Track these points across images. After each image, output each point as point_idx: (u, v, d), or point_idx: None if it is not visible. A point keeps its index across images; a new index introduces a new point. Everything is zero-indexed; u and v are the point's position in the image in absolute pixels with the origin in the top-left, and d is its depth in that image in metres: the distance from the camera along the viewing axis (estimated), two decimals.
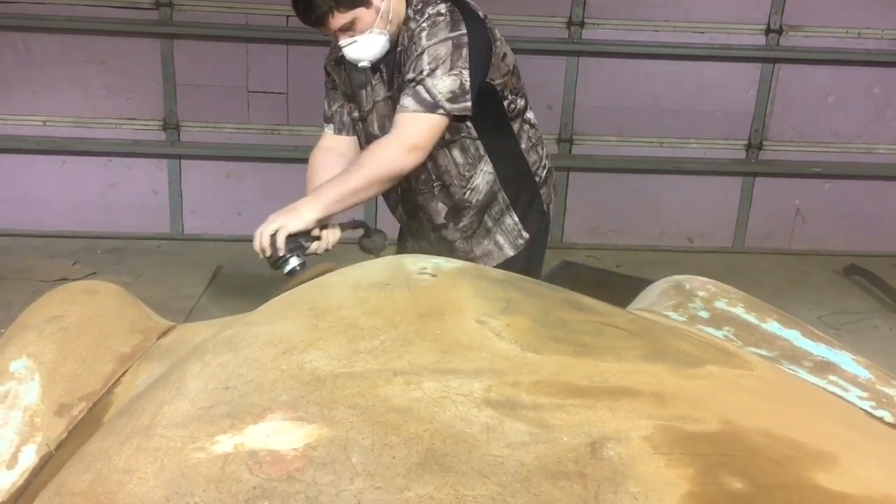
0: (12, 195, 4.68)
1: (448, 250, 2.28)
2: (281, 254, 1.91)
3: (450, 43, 2.02)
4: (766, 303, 1.78)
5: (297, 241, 1.95)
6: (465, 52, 2.03)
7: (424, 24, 2.04)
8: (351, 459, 1.10)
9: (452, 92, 2.02)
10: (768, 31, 4.63)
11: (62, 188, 4.71)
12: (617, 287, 3.53)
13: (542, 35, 4.60)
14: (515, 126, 2.27)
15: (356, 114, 2.28)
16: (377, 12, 2.03)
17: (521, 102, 2.31)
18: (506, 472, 1.08)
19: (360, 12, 2.01)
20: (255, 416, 1.19)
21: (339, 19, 1.99)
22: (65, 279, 3.95)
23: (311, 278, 1.76)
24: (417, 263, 1.74)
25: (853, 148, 4.85)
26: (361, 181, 2.01)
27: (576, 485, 1.06)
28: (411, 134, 2.02)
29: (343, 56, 2.16)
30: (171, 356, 1.51)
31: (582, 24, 4.59)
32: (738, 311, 1.74)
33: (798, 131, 4.83)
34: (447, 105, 2.02)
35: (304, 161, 2.31)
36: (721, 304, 1.78)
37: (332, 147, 2.31)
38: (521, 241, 2.34)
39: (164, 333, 1.67)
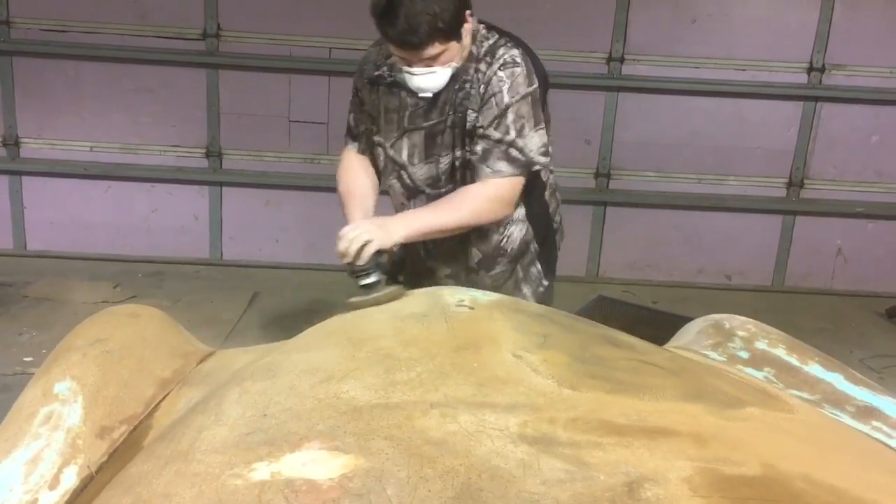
0: (57, 218, 4.78)
1: None
2: (365, 265, 1.87)
3: (530, 99, 2.08)
4: (807, 344, 1.75)
5: (378, 256, 1.92)
6: (538, 105, 2.10)
7: (503, 75, 2.05)
8: (386, 491, 1.10)
9: (544, 146, 2.11)
10: (810, 69, 4.59)
11: (106, 212, 4.80)
12: (653, 323, 3.49)
13: (582, 70, 4.61)
14: (543, 173, 2.27)
15: (378, 137, 2.24)
16: (462, 48, 2.03)
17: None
18: None
19: (452, 46, 1.99)
20: (292, 445, 1.19)
21: (435, 49, 1.95)
22: (105, 302, 4.01)
23: (388, 300, 1.79)
24: (455, 295, 1.75)
25: None
26: (452, 221, 2.05)
27: None
28: (508, 192, 2.09)
29: (379, 76, 2.17)
30: (210, 382, 1.53)
31: (622, 60, 4.59)
32: (779, 352, 1.72)
33: (840, 170, 4.77)
34: (542, 160, 2.12)
35: None
36: (761, 345, 1.76)
37: (363, 160, 2.29)
38: (541, 289, 2.36)
39: (204, 359, 1.69)
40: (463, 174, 2.14)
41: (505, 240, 2.25)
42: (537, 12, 4.50)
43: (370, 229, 1.89)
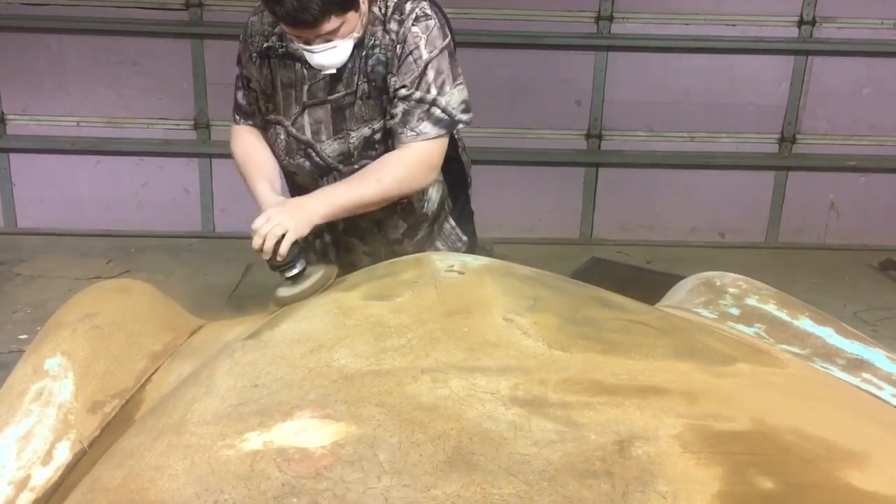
0: (47, 195, 4.75)
1: None
2: (286, 259, 1.73)
3: (447, 52, 1.95)
4: (798, 299, 1.76)
5: (298, 242, 1.77)
6: (455, 58, 1.97)
7: (417, 30, 1.91)
8: (378, 457, 1.10)
9: (464, 102, 1.98)
10: (801, 22, 4.55)
11: (95, 188, 4.77)
12: (647, 283, 3.50)
13: (571, 30, 4.56)
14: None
15: (275, 116, 2.06)
16: (361, 14, 1.88)
17: None
18: (533, 470, 1.08)
19: (350, 16, 1.83)
20: (283, 414, 1.20)
21: (332, 23, 1.78)
22: (98, 277, 4.00)
23: (318, 288, 1.70)
24: (445, 261, 1.74)
25: (889, 141, 4.76)
26: (376, 194, 1.88)
27: (603, 483, 1.05)
28: (432, 155, 1.94)
29: (269, 48, 1.99)
30: (201, 354, 1.53)
31: (611, 19, 4.54)
32: (770, 307, 1.72)
33: (832, 124, 4.75)
34: (464, 117, 1.98)
35: None
36: (752, 301, 1.76)
37: (260, 134, 2.11)
38: (459, 245, 2.27)
39: (195, 331, 1.69)
40: (385, 145, 2.02)
41: (426, 204, 2.16)
42: None
43: (283, 219, 1.72)
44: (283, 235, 1.71)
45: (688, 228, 4.90)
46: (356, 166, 2.02)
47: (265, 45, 2.00)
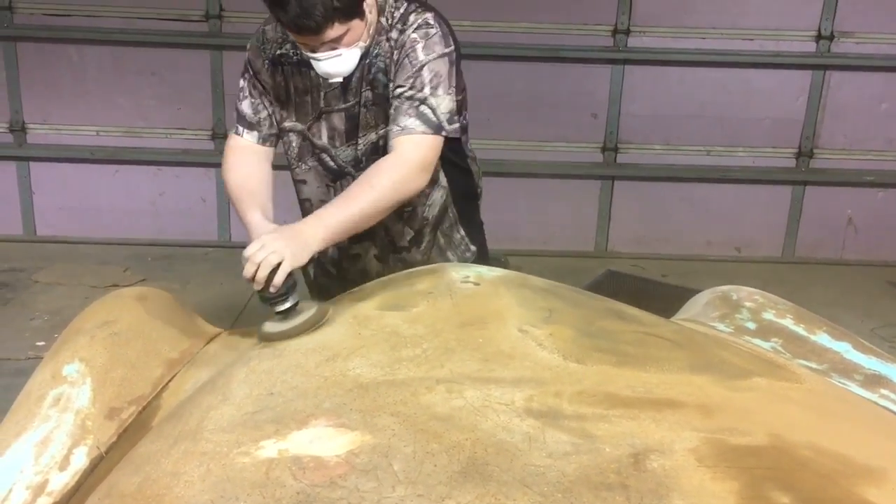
0: (66, 203, 4.79)
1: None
2: (279, 291, 1.60)
3: (446, 59, 1.93)
4: (815, 314, 1.75)
5: (293, 274, 1.64)
6: (454, 69, 1.97)
7: (416, 36, 1.91)
8: (393, 467, 1.10)
9: (450, 112, 1.94)
10: (819, 37, 4.54)
11: (114, 196, 4.81)
12: (662, 297, 3.49)
13: (587, 43, 4.57)
14: (463, 138, 2.14)
15: (290, 123, 2.06)
16: (366, 24, 1.89)
17: (466, 114, 2.15)
18: (547, 482, 1.07)
19: (354, 24, 1.82)
20: (298, 423, 1.20)
21: (335, 30, 1.78)
22: (115, 285, 4.03)
23: (309, 327, 1.54)
24: (460, 272, 1.74)
25: None
26: (372, 205, 1.79)
27: (618, 496, 1.05)
28: (423, 155, 1.89)
29: (282, 55, 2.00)
30: (217, 362, 1.54)
31: (627, 32, 4.55)
32: (787, 322, 1.71)
33: (849, 139, 4.72)
34: (447, 126, 1.93)
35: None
36: (769, 316, 1.75)
37: (257, 152, 2.06)
38: (468, 255, 2.25)
39: (212, 339, 1.70)
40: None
41: (427, 209, 2.13)
42: None
43: (279, 247, 1.61)
44: (279, 264, 1.60)
45: (703, 242, 4.88)
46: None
47: (278, 52, 2.02)
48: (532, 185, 4.76)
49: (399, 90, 1.90)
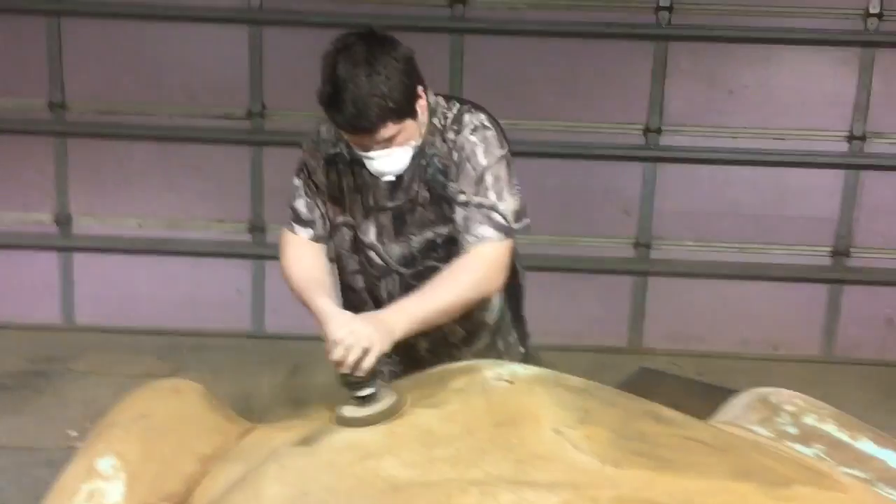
0: (103, 293, 4.86)
1: None
2: (364, 378, 1.61)
3: (504, 161, 2.00)
4: (857, 419, 1.70)
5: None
6: (512, 169, 2.03)
7: (475, 139, 1.97)
8: None
9: (516, 212, 2.01)
10: (851, 137, 4.56)
11: (150, 286, 4.87)
12: (698, 395, 3.42)
13: (619, 141, 4.64)
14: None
15: (342, 219, 2.10)
16: (418, 124, 1.94)
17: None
18: None
19: (407, 124, 1.88)
20: None
21: (388, 130, 1.84)
22: (149, 374, 4.04)
23: (386, 418, 1.54)
24: (494, 369, 1.73)
25: None
26: (453, 299, 1.85)
27: None
28: (500, 256, 1.94)
29: (337, 154, 2.05)
30: (250, 458, 1.53)
31: (659, 131, 4.61)
32: (829, 427, 1.67)
33: (886, 238, 4.68)
34: (516, 226, 2.00)
35: None
36: (810, 420, 1.71)
37: (314, 247, 2.10)
38: (518, 358, 2.22)
39: (245, 433, 1.70)
40: (447, 250, 2.04)
41: (485, 313, 2.15)
42: (574, 87, 4.57)
43: (368, 333, 1.65)
44: (366, 351, 1.62)
45: (739, 340, 4.80)
46: (420, 268, 2.07)
47: (332, 151, 2.07)
48: (564, 279, 4.76)
49: (463, 197, 1.96)
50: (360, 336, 1.64)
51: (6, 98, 4.63)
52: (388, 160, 1.91)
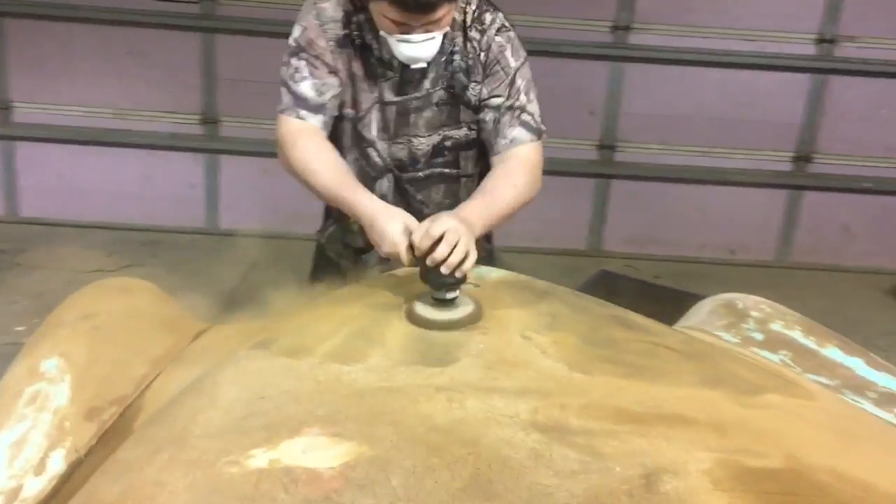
0: (49, 184, 4.68)
1: None
2: (459, 279, 1.50)
3: (528, 63, 1.95)
4: (824, 327, 1.69)
5: None
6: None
7: (501, 40, 1.90)
8: (391, 482, 1.04)
9: (540, 115, 1.97)
10: (820, 40, 4.49)
11: (99, 179, 4.70)
12: (657, 299, 3.43)
13: (586, 39, 4.50)
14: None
15: (348, 109, 1.94)
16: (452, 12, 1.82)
17: None
18: (556, 503, 1.01)
19: (453, 7, 1.77)
20: (290, 430, 1.13)
21: (443, 9, 1.71)
22: (99, 270, 3.94)
23: (469, 323, 1.45)
24: None
25: None
26: (514, 205, 1.83)
27: None
28: (538, 160, 1.93)
29: (346, 36, 1.87)
30: (204, 360, 1.46)
31: (628, 29, 4.48)
32: (796, 334, 1.66)
33: (848, 145, 4.68)
34: (543, 128, 1.97)
35: None
36: (776, 327, 1.69)
37: (324, 137, 1.88)
38: (483, 255, 2.05)
39: (198, 334, 1.63)
40: (455, 156, 1.98)
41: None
42: None
43: (460, 230, 1.52)
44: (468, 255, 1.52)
45: (697, 244, 4.83)
46: (420, 174, 1.99)
47: (342, 33, 1.89)
48: None
49: (496, 101, 1.90)
50: (463, 236, 1.52)
51: None
52: (427, 45, 1.78)
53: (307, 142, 1.84)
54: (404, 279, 1.64)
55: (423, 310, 1.48)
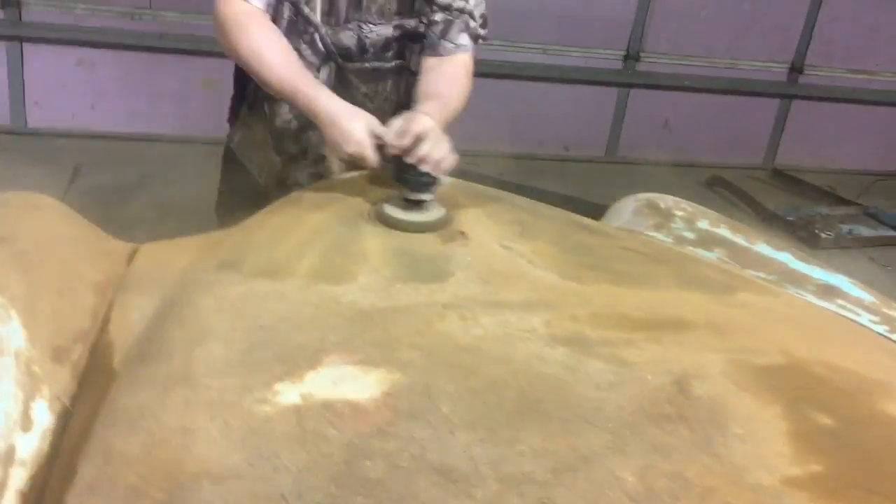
0: None
1: None
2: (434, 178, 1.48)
3: None
4: (747, 225, 1.79)
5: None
6: None
7: None
8: (441, 409, 0.99)
9: (484, 17, 1.89)
10: None
11: None
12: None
13: None
14: None
15: None
16: None
17: None
18: (609, 417, 1.01)
19: None
20: (310, 361, 1.04)
21: None
22: None
23: (441, 227, 1.42)
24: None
25: (720, 63, 5.03)
26: (454, 115, 1.79)
27: (683, 429, 1.00)
28: (472, 67, 1.88)
29: None
30: (157, 286, 1.30)
31: None
32: (724, 232, 1.74)
33: (672, 43, 4.93)
34: (482, 32, 1.89)
35: (169, 51, 1.90)
36: (704, 225, 1.77)
37: (271, 23, 1.72)
38: None
39: (130, 256, 1.45)
40: (399, 50, 1.88)
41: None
42: None
43: (439, 131, 1.54)
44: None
45: (536, 141, 4.96)
46: (367, 65, 1.85)
47: None
48: None
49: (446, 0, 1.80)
50: (444, 137, 1.53)
51: None
52: None
53: (255, 29, 1.66)
54: (356, 183, 1.54)
55: (396, 212, 1.43)
